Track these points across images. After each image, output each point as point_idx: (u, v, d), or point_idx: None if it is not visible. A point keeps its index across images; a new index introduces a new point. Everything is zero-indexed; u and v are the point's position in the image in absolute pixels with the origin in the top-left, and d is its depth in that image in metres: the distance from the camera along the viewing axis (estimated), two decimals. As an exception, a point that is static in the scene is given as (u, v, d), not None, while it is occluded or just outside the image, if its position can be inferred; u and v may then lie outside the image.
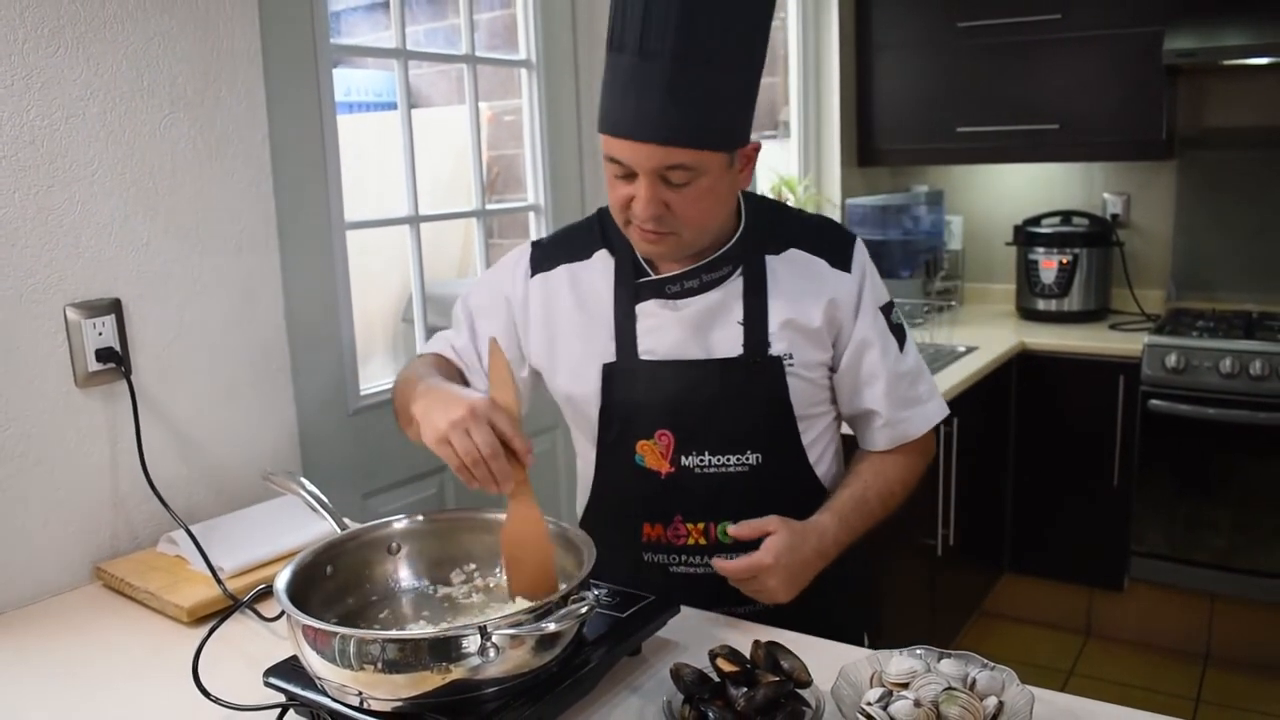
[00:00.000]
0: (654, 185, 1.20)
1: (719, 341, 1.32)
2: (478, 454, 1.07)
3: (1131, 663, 3.16)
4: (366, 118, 4.70)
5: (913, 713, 0.97)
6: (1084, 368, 3.12)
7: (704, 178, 1.20)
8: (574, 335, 1.38)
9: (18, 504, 1.42)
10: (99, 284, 1.49)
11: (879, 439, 1.40)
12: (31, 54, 1.38)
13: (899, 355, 1.37)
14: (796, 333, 1.32)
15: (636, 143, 1.18)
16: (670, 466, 1.33)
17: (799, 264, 1.34)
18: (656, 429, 1.33)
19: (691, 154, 1.18)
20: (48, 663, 1.27)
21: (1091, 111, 3.23)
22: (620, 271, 1.36)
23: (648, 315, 1.34)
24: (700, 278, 1.32)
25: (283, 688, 1.07)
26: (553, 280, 1.40)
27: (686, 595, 1.29)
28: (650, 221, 1.23)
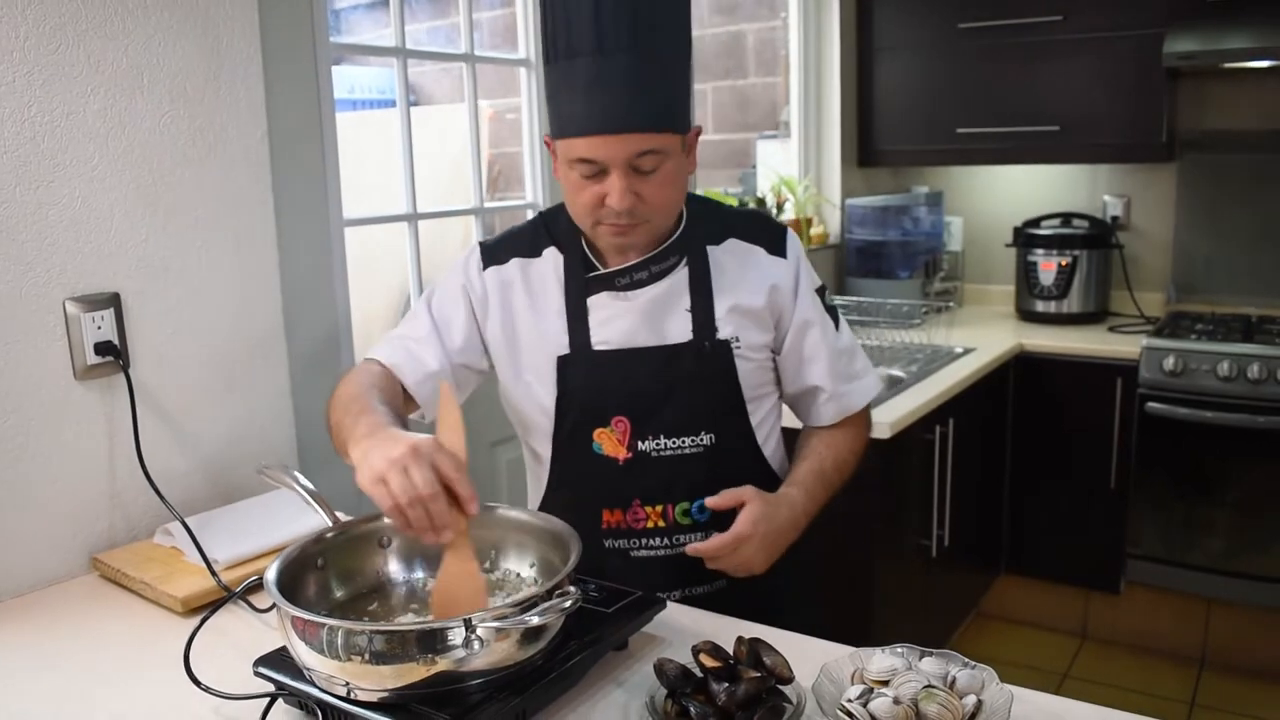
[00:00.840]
0: (627, 176, 1.25)
1: (670, 328, 1.38)
2: (416, 494, 1.02)
3: (1127, 665, 3.16)
4: (370, 114, 4.72)
5: (892, 710, 0.98)
6: (1082, 370, 3.13)
7: (669, 161, 1.27)
8: (528, 330, 1.42)
9: (16, 494, 1.44)
10: (98, 278, 1.51)
11: (825, 413, 1.47)
12: (33, 51, 1.40)
13: (836, 334, 1.46)
14: (742, 317, 1.39)
15: (609, 136, 1.23)
16: (628, 452, 1.38)
17: (739, 252, 1.41)
18: (613, 416, 1.38)
19: (658, 138, 1.25)
20: (43, 651, 1.29)
21: (1092, 113, 3.23)
22: (570, 267, 1.41)
23: (600, 307, 1.39)
24: (649, 269, 1.38)
25: (272, 678, 1.09)
26: (506, 273, 1.43)
27: (648, 578, 1.33)
28: (625, 215, 1.27)
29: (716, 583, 1.41)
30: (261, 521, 1.57)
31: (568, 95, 1.25)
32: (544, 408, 1.41)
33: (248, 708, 1.09)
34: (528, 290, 1.42)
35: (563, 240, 1.41)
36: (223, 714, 1.10)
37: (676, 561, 1.38)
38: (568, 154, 1.27)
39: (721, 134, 4.44)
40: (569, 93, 1.25)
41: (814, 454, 1.45)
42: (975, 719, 0.99)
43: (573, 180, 1.29)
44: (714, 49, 4.39)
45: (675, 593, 1.40)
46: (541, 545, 1.23)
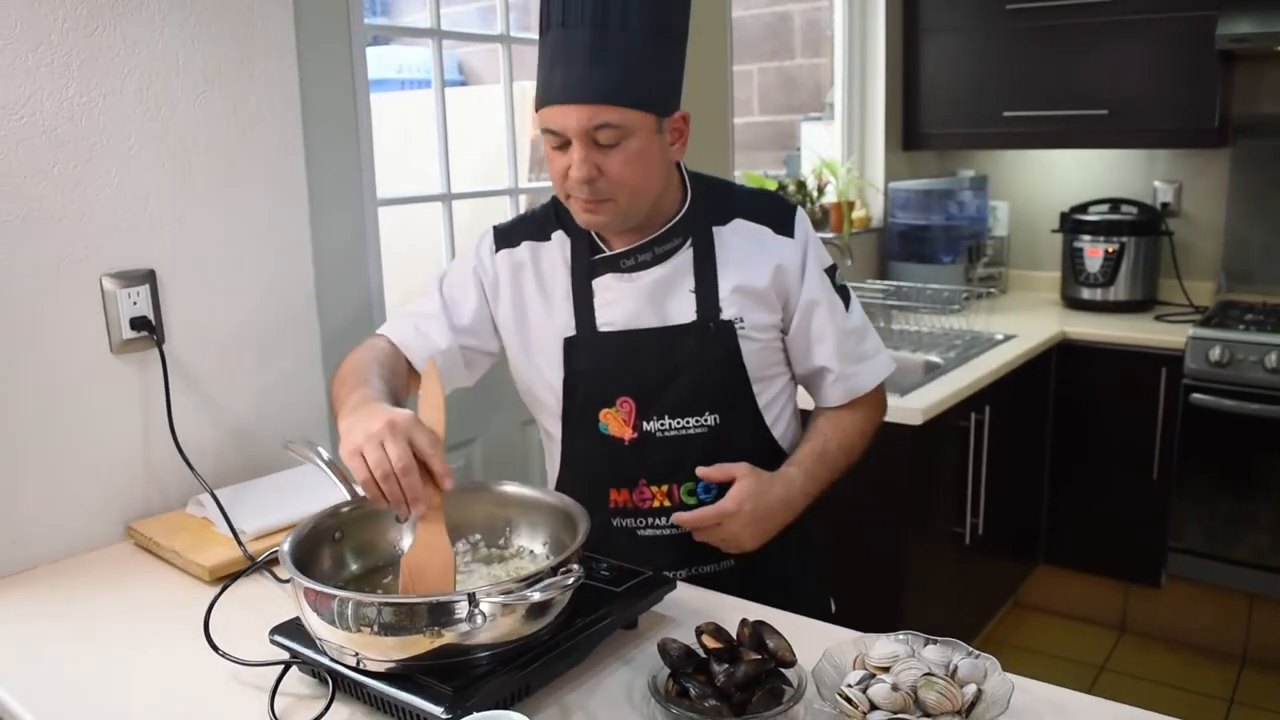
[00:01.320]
0: (586, 148, 1.26)
1: (673, 309, 1.39)
2: (389, 468, 1.04)
3: (1166, 660, 3.12)
4: (418, 94, 4.77)
5: (890, 696, 0.98)
6: (1125, 359, 3.07)
7: (632, 140, 1.27)
8: (536, 312, 1.44)
9: (55, 464, 1.49)
10: (134, 255, 1.55)
11: (832, 394, 1.47)
12: (71, 34, 1.44)
13: (845, 314, 1.45)
14: (746, 297, 1.39)
15: (566, 106, 1.25)
16: (633, 432, 1.39)
17: (745, 233, 1.41)
18: (618, 397, 1.39)
19: (616, 112, 1.25)
20: (74, 614, 1.34)
21: (1142, 97, 3.16)
22: (576, 250, 1.43)
23: (604, 289, 1.40)
24: (653, 251, 1.39)
25: (287, 646, 1.12)
26: (517, 255, 1.46)
27: (656, 557, 1.34)
28: (585, 187, 1.28)
29: (724, 562, 1.42)
30: (290, 494, 1.60)
31: (542, 67, 1.30)
32: (553, 388, 1.43)
33: (264, 674, 1.12)
34: (537, 273, 1.44)
35: (570, 224, 1.42)
36: (240, 679, 1.14)
37: (683, 541, 1.39)
38: (540, 125, 1.30)
39: (766, 115, 4.41)
40: (542, 65, 1.30)
41: (819, 434, 1.45)
42: (975, 708, 0.99)
43: (547, 153, 1.32)
44: (759, 30, 4.36)
45: (682, 572, 1.41)
46: (554, 523, 1.25)
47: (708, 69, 2.85)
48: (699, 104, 2.82)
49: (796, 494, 1.37)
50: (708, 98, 2.86)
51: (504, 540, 1.28)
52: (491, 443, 2.32)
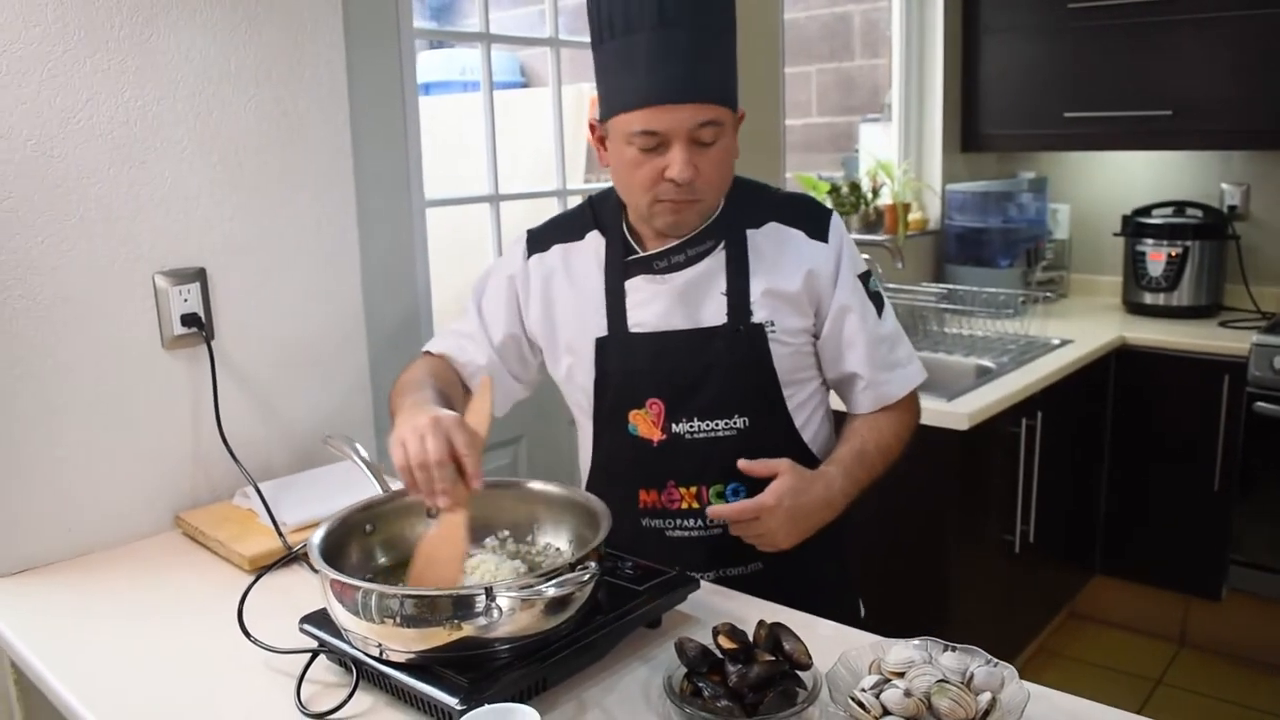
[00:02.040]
0: (688, 148, 1.28)
1: (704, 311, 1.39)
2: (425, 458, 1.10)
3: (1225, 676, 3.03)
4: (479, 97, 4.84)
5: (902, 702, 0.98)
6: (1187, 365, 3.00)
7: (724, 137, 1.31)
8: (568, 312, 1.46)
9: (108, 454, 1.55)
10: (186, 254, 1.60)
11: (862, 401, 1.46)
12: (127, 40, 1.49)
13: (877, 320, 1.44)
14: (777, 300, 1.39)
15: (674, 106, 1.26)
16: (662, 434, 1.40)
17: (778, 236, 1.41)
18: (647, 398, 1.40)
19: (717, 110, 1.28)
20: (121, 600, 1.39)
21: (1208, 97, 3.08)
22: (610, 250, 1.44)
23: (636, 290, 1.41)
24: (685, 252, 1.39)
25: (315, 634, 1.15)
26: (548, 260, 1.48)
27: (684, 558, 1.35)
28: (682, 189, 1.29)
29: (752, 565, 1.42)
30: (332, 489, 1.64)
31: (627, 71, 1.28)
32: (584, 389, 1.45)
33: (293, 661, 1.16)
34: (569, 275, 1.46)
35: (606, 224, 1.45)
36: (271, 666, 1.17)
37: (711, 542, 1.40)
38: (626, 129, 1.29)
39: (825, 117, 4.38)
40: (628, 68, 1.28)
41: (856, 435, 1.44)
42: (989, 716, 0.98)
43: (629, 157, 1.30)
44: (818, 31, 4.33)
45: (710, 573, 1.41)
46: (578, 521, 1.26)
47: (759, 71, 2.85)
48: (750, 105, 2.81)
49: (836, 494, 1.36)
50: (759, 99, 2.85)
51: (531, 537, 1.30)
52: (538, 441, 2.35)
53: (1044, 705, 1.05)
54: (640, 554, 1.35)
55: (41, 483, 1.48)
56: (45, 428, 1.48)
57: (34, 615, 1.36)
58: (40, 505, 1.48)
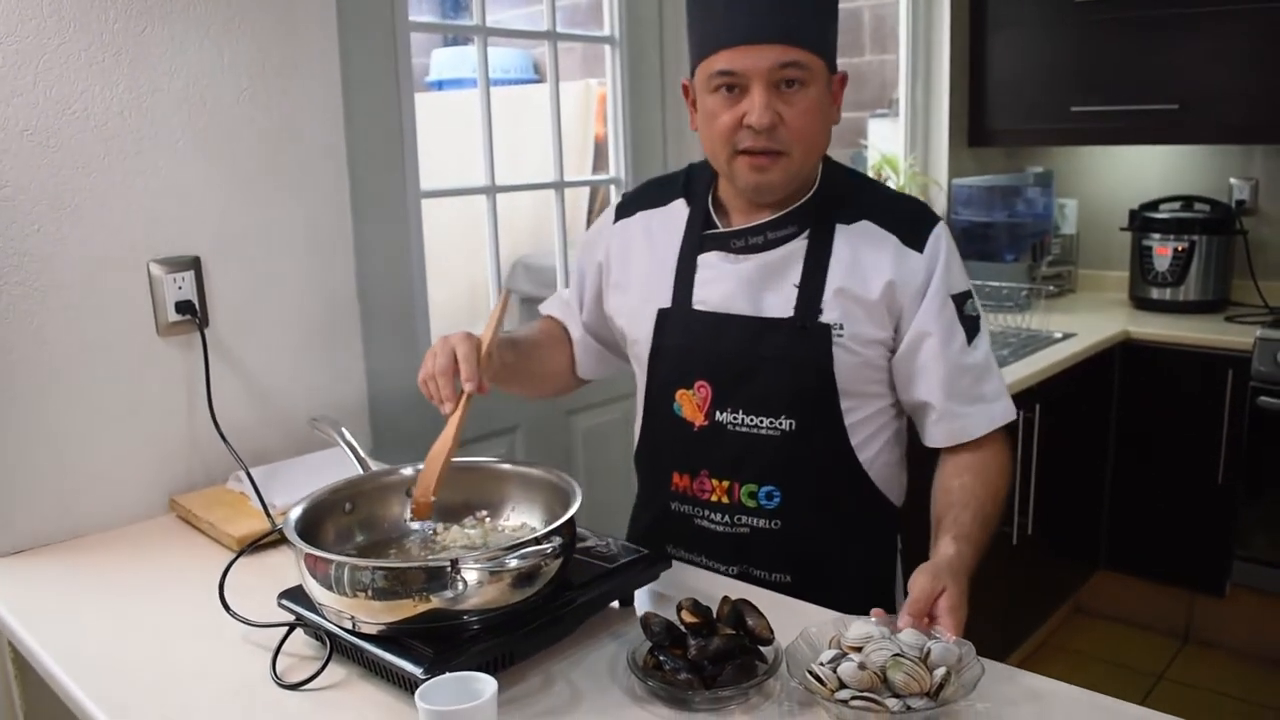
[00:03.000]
0: (768, 92, 1.23)
1: (771, 301, 1.33)
2: (430, 371, 1.22)
3: (1229, 671, 3.02)
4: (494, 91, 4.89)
5: (857, 675, 1.00)
6: (1191, 360, 2.98)
7: (811, 88, 1.24)
8: (641, 278, 1.43)
9: (103, 438, 1.58)
10: (180, 242, 1.64)
11: (936, 434, 1.35)
12: (121, 33, 1.53)
13: (965, 348, 1.32)
14: (853, 304, 1.30)
15: (753, 46, 1.22)
16: (705, 419, 1.35)
17: (868, 236, 1.32)
18: (696, 379, 1.36)
19: (800, 53, 1.22)
20: (113, 579, 1.43)
21: (1216, 92, 3.06)
22: (691, 221, 1.40)
23: (708, 266, 1.37)
24: (765, 235, 1.33)
25: (292, 609, 1.18)
26: (631, 226, 1.47)
27: (709, 548, 1.34)
28: (765, 135, 1.23)
29: (778, 575, 1.38)
30: (324, 474, 1.65)
31: (709, 16, 1.26)
32: (640, 359, 1.43)
33: (273, 635, 1.19)
34: (649, 241, 1.43)
35: (694, 193, 1.40)
36: (250, 639, 1.21)
37: (735, 540, 1.37)
38: (707, 75, 1.26)
39: (835, 113, 4.38)
40: (710, 13, 1.26)
41: (973, 497, 1.29)
42: (943, 690, 1.00)
43: (710, 106, 1.27)
44: (828, 27, 4.33)
45: (734, 568, 1.39)
46: (552, 500, 1.28)
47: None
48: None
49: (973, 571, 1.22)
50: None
51: (507, 516, 1.33)
52: (534, 430, 2.38)
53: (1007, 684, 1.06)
54: (667, 536, 1.38)
55: (38, 466, 1.52)
56: (41, 412, 1.52)
57: (30, 594, 1.39)
58: (37, 488, 1.52)
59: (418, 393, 1.27)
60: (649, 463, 1.47)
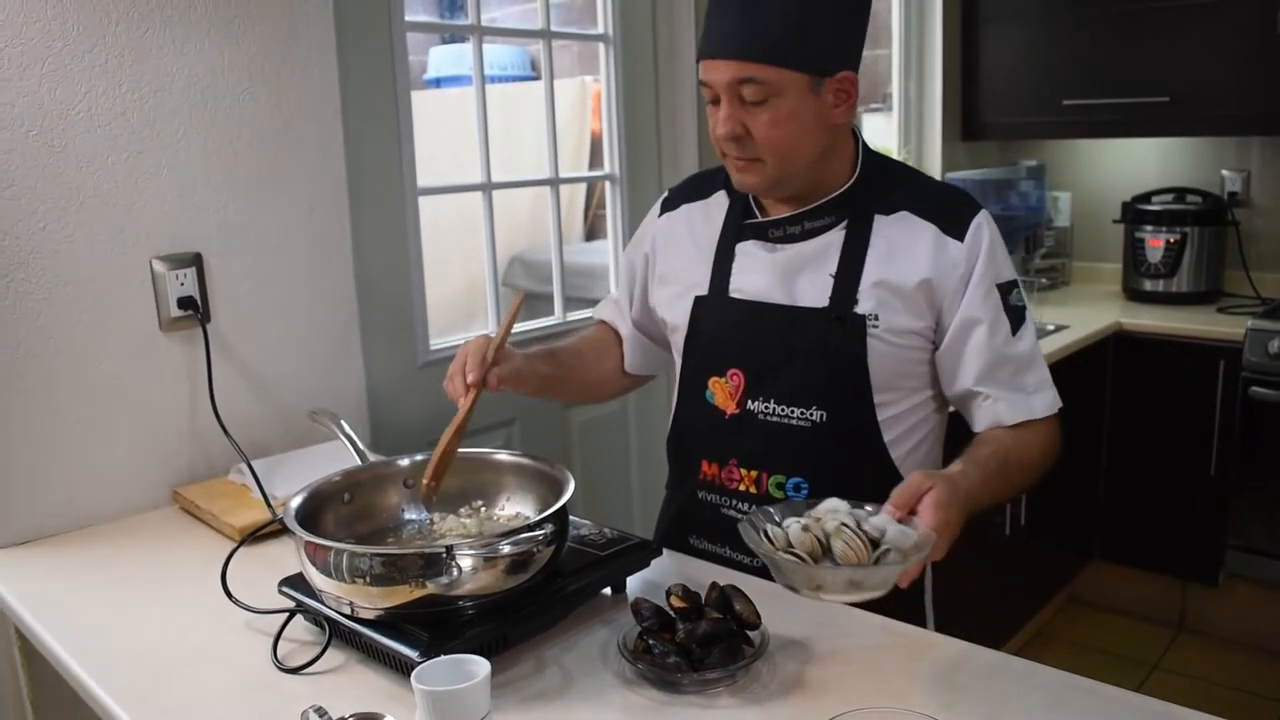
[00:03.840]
0: (731, 103, 1.25)
1: (806, 290, 1.33)
2: (450, 374, 1.31)
3: (1223, 661, 3.05)
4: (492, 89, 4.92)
5: (800, 536, 1.04)
6: (1183, 351, 3.01)
7: (781, 100, 1.23)
8: (682, 268, 1.45)
9: (108, 432, 1.62)
10: (182, 239, 1.67)
11: (977, 420, 1.33)
12: (123, 35, 1.56)
13: (1009, 338, 1.30)
14: (891, 295, 1.29)
15: (715, 60, 1.25)
16: (736, 408, 1.36)
17: (907, 227, 1.31)
18: (729, 367, 1.37)
19: (761, 68, 1.21)
20: (117, 569, 1.47)
21: (1207, 84, 3.08)
22: (731, 211, 1.42)
23: (745, 255, 1.38)
24: (802, 224, 1.33)
25: (292, 595, 1.22)
26: (675, 218, 1.50)
27: (733, 540, 1.33)
28: (731, 143, 1.27)
29: None
30: (324, 466, 1.68)
31: (705, 19, 1.29)
32: (677, 346, 1.46)
33: (274, 621, 1.22)
34: (690, 233, 1.46)
35: (732, 185, 1.40)
36: (252, 626, 1.24)
37: None
38: (699, 78, 1.30)
39: (831, 108, 4.41)
40: (706, 17, 1.29)
41: (999, 443, 1.27)
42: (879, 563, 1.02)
43: (708, 111, 1.31)
44: (824, 22, 4.35)
45: (758, 560, 1.32)
46: (546, 490, 1.31)
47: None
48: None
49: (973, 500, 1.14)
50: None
51: (502, 505, 1.36)
52: (532, 424, 2.41)
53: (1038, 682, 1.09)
54: (692, 526, 1.40)
55: (44, 459, 1.56)
56: (47, 406, 1.55)
57: (37, 583, 1.43)
58: (43, 480, 1.56)
59: (415, 386, 1.32)
60: (680, 450, 1.48)
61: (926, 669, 1.14)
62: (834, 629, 1.20)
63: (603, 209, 3.31)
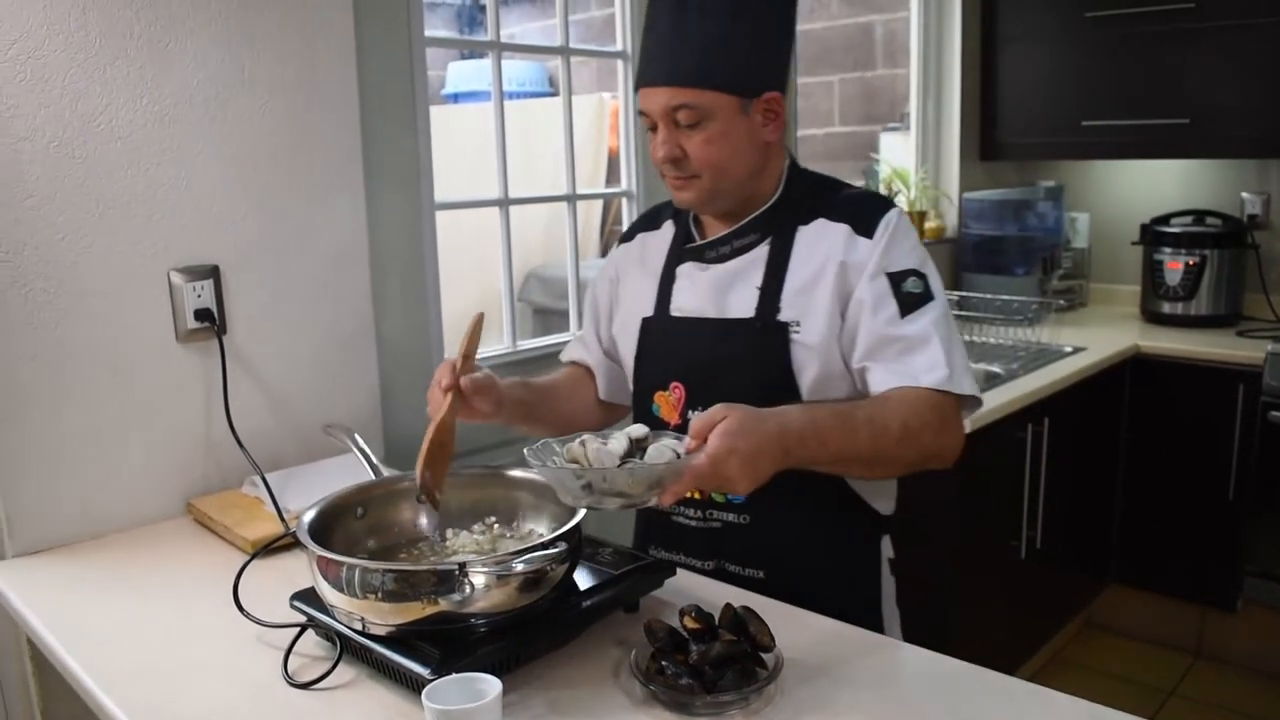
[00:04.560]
0: (667, 127, 1.32)
1: (735, 303, 1.40)
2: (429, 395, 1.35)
3: (1241, 688, 3.01)
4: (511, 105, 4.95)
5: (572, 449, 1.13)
6: (1201, 375, 2.99)
7: (713, 121, 1.30)
8: (633, 293, 1.53)
9: (123, 442, 1.62)
10: (200, 251, 1.68)
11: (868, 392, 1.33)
12: (146, 48, 1.57)
13: (896, 319, 1.31)
14: (808, 300, 1.35)
15: (650, 88, 1.32)
16: (679, 419, 1.42)
17: (824, 233, 1.37)
18: (671, 381, 1.43)
19: (693, 93, 1.29)
20: (130, 580, 1.47)
21: (1228, 106, 3.07)
22: (675, 238, 1.50)
23: (685, 276, 1.46)
24: (731, 244, 1.41)
25: (303, 610, 1.21)
26: (631, 248, 1.58)
27: (686, 544, 1.39)
28: (669, 165, 1.34)
29: (751, 569, 1.41)
30: (338, 479, 1.68)
31: (639, 52, 1.38)
32: (629, 366, 1.52)
33: (285, 635, 1.22)
34: (642, 260, 1.54)
35: (680, 213, 1.51)
36: (263, 640, 1.24)
37: (709, 535, 1.42)
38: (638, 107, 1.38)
39: (847, 126, 4.41)
40: (640, 49, 1.38)
41: (849, 401, 1.31)
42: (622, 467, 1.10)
43: (649, 134, 1.38)
44: (841, 41, 4.36)
45: (710, 562, 1.43)
46: (560, 508, 1.30)
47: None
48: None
49: (791, 434, 1.15)
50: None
51: (515, 523, 1.35)
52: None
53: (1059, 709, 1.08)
54: (651, 536, 1.42)
55: (59, 468, 1.56)
56: (63, 416, 1.55)
57: (49, 593, 1.43)
58: (57, 490, 1.56)
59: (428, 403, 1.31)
60: None
61: (944, 694, 1.12)
62: (850, 652, 1.18)
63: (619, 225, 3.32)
